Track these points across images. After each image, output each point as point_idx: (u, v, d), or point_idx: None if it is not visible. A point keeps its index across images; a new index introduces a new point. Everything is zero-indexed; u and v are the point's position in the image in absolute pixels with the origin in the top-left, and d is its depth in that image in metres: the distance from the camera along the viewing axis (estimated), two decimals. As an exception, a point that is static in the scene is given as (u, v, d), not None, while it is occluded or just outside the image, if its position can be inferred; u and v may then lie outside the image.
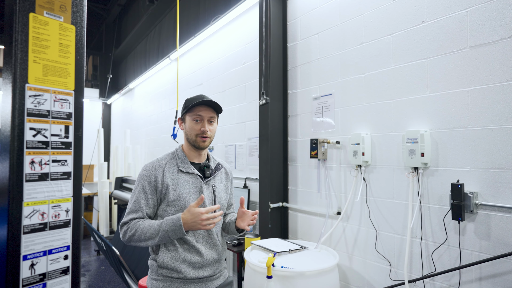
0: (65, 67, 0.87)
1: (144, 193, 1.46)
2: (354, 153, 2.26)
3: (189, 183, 1.52)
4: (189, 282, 1.47)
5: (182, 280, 1.46)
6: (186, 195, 1.49)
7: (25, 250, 0.80)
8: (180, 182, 1.50)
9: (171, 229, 1.39)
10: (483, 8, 1.69)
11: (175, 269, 1.44)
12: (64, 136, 0.87)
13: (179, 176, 1.51)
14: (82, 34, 0.90)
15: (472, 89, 1.73)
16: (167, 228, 1.39)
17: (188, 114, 1.56)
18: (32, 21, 0.81)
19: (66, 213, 0.88)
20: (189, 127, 1.55)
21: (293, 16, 2.92)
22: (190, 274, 1.46)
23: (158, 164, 1.51)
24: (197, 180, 1.54)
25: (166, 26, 5.58)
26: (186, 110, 1.55)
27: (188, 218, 1.39)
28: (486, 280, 1.67)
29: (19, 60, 0.79)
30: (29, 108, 0.81)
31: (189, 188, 1.51)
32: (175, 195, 1.47)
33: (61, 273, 0.86)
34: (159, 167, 1.50)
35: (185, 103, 1.57)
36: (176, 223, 1.39)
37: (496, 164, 1.64)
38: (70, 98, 0.88)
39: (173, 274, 1.45)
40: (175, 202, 1.47)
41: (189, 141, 1.57)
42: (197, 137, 1.53)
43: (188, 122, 1.56)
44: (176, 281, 1.45)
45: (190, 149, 1.60)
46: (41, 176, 0.83)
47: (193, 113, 1.54)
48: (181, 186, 1.49)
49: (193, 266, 1.47)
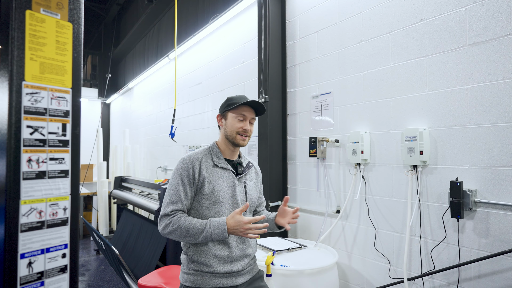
0: (62, 65, 0.86)
1: (183, 184, 1.50)
2: (353, 152, 2.26)
3: (223, 178, 1.56)
4: (218, 276, 1.49)
5: (211, 275, 1.49)
6: (220, 189, 1.53)
7: (23, 248, 0.80)
8: (215, 176, 1.55)
9: (215, 232, 1.43)
10: (481, 6, 1.69)
11: (205, 263, 1.48)
12: (61, 134, 0.86)
13: (214, 170, 1.56)
14: (79, 32, 0.90)
15: (471, 87, 1.73)
16: (212, 230, 1.43)
17: (231, 111, 1.60)
18: (29, 18, 0.80)
19: (63, 211, 0.87)
20: (231, 124, 1.59)
21: (292, 14, 2.92)
22: (219, 268, 1.49)
23: (195, 157, 1.55)
24: (231, 176, 1.59)
25: (165, 25, 5.57)
26: (230, 108, 1.59)
27: (231, 224, 1.43)
28: (485, 277, 1.67)
29: (16, 58, 0.78)
30: (26, 106, 0.80)
31: (223, 182, 1.56)
32: (210, 189, 1.52)
33: (59, 272, 0.86)
34: (196, 160, 1.54)
35: (229, 101, 1.62)
36: (221, 227, 1.43)
37: (495, 162, 1.64)
38: (67, 96, 0.87)
39: (203, 268, 1.48)
40: (209, 195, 1.51)
41: (228, 138, 1.61)
42: (237, 135, 1.59)
43: (230, 119, 1.60)
44: (206, 275, 1.49)
45: (226, 145, 1.64)
46: (38, 174, 0.82)
47: (238, 111, 1.59)
48: (215, 180, 1.54)
49: (222, 261, 1.50)
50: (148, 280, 2.41)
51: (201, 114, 4.37)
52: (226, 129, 1.61)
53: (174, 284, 2.35)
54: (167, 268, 2.70)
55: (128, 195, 4.74)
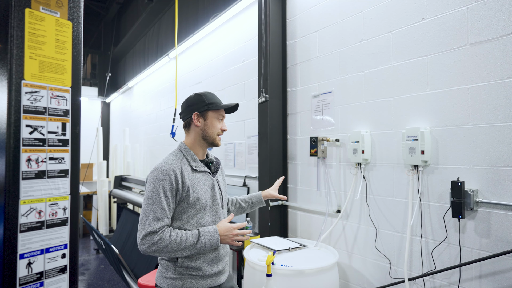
0: (61, 64, 0.85)
1: (166, 197, 1.42)
2: (353, 151, 2.26)
3: (203, 182, 1.54)
4: (206, 277, 1.51)
5: (200, 277, 1.50)
6: (203, 194, 1.51)
7: (22, 248, 0.79)
8: (197, 182, 1.51)
9: (209, 242, 1.44)
10: (483, 5, 1.68)
11: (196, 267, 1.48)
12: (61, 133, 0.86)
13: (194, 176, 1.52)
14: (79, 30, 0.89)
15: (472, 87, 1.72)
16: (206, 241, 1.44)
17: (212, 111, 1.58)
18: (28, 16, 0.79)
19: (63, 211, 0.87)
20: (212, 124, 1.57)
21: (293, 13, 2.91)
22: (209, 271, 1.51)
23: (175, 166, 1.47)
24: (209, 178, 1.58)
25: (165, 24, 5.56)
26: (211, 108, 1.55)
27: (222, 231, 1.47)
28: (486, 278, 1.66)
29: (15, 56, 0.78)
30: (25, 105, 0.79)
31: (204, 187, 1.53)
32: (195, 196, 1.48)
33: (59, 272, 0.85)
34: (176, 169, 1.46)
35: (208, 100, 1.56)
36: (214, 236, 1.45)
37: (496, 162, 1.63)
38: (67, 95, 0.87)
39: (193, 272, 1.48)
40: (194, 203, 1.48)
41: (207, 138, 1.58)
42: (217, 136, 1.59)
43: (210, 119, 1.57)
44: (196, 277, 1.49)
45: (200, 146, 1.60)
46: (38, 174, 0.82)
47: (219, 112, 1.59)
48: (198, 186, 1.51)
49: (211, 263, 1.52)
50: (148, 280, 2.40)
51: (201, 113, 4.35)
52: (205, 129, 1.57)
53: (174, 283, 2.34)
54: (167, 267, 2.69)
55: (128, 194, 4.74)
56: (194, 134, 1.59)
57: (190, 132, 1.61)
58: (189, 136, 1.61)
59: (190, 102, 1.59)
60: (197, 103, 1.57)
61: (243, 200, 1.91)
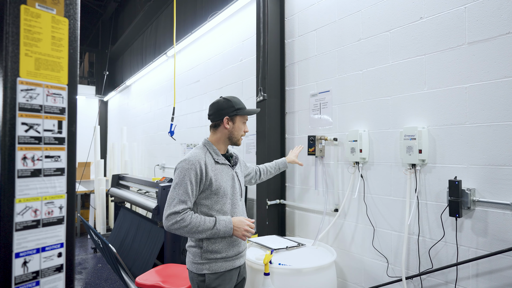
0: (58, 61, 0.85)
1: (191, 184, 1.62)
2: (351, 150, 2.26)
3: (225, 173, 1.74)
4: (229, 260, 1.70)
5: (223, 259, 1.68)
6: (224, 183, 1.71)
7: (17, 247, 0.78)
8: (219, 173, 1.72)
9: (223, 230, 1.63)
10: (481, 4, 1.69)
11: (218, 250, 1.66)
12: (57, 131, 0.85)
13: (216, 167, 1.72)
14: (76, 27, 0.88)
15: (470, 86, 1.73)
16: (220, 228, 1.62)
17: (240, 116, 1.80)
18: (24, 13, 0.79)
19: (59, 210, 0.86)
20: (238, 127, 1.80)
21: (291, 12, 2.90)
22: (229, 253, 1.69)
23: (200, 158, 1.68)
24: (229, 169, 1.78)
25: (163, 22, 5.54)
26: (239, 113, 1.77)
27: (236, 223, 1.66)
28: (483, 276, 1.67)
29: (10, 53, 0.77)
30: (20, 103, 0.79)
31: (225, 177, 1.74)
32: (217, 185, 1.68)
33: (55, 271, 0.85)
34: (201, 160, 1.67)
35: (236, 105, 1.77)
36: (228, 226, 1.64)
37: (493, 161, 1.64)
38: (63, 93, 0.86)
39: (217, 255, 1.66)
40: (217, 190, 1.68)
41: (232, 139, 1.79)
42: (241, 137, 1.82)
43: (238, 123, 1.79)
44: (220, 260, 1.68)
45: (224, 144, 1.81)
46: (34, 172, 0.81)
47: (244, 117, 1.83)
48: (220, 176, 1.71)
49: (231, 244, 1.70)
50: (145, 279, 2.40)
51: (199, 112, 4.35)
52: (233, 131, 1.78)
53: (171, 282, 2.34)
54: (165, 266, 2.69)
55: (126, 193, 4.72)
56: (220, 134, 1.79)
57: (216, 132, 1.79)
58: (215, 135, 1.80)
59: (221, 107, 1.77)
60: (227, 108, 1.76)
61: (271, 166, 2.30)
